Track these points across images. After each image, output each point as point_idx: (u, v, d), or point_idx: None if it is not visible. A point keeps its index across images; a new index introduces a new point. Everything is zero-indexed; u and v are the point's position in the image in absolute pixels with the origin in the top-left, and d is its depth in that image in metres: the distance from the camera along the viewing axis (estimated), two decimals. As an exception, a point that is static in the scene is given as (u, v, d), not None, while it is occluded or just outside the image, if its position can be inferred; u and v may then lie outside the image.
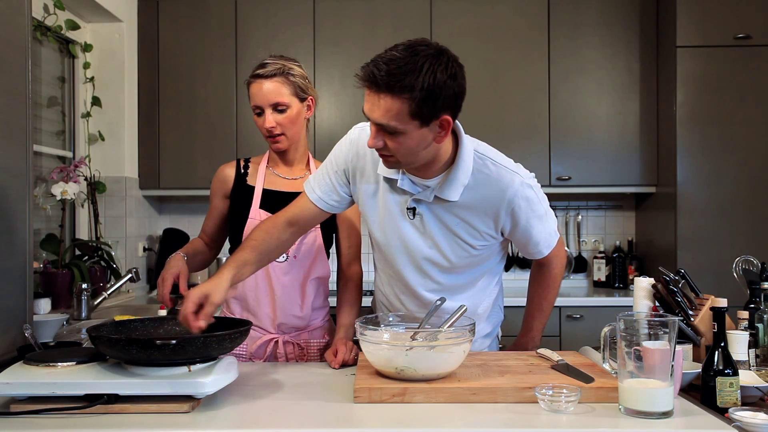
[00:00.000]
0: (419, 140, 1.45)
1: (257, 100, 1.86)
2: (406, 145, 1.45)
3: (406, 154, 1.48)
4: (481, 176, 1.59)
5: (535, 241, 1.70)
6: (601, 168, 3.65)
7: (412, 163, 1.52)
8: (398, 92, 1.37)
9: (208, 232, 2.06)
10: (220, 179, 2.01)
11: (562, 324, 3.36)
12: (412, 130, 1.42)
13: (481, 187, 1.59)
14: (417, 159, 1.50)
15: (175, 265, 1.75)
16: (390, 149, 1.47)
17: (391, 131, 1.43)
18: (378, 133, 1.46)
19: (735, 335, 1.58)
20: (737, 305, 1.83)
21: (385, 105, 1.39)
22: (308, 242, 1.92)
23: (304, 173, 1.99)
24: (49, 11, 3.06)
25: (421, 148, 1.47)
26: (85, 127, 3.53)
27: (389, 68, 1.37)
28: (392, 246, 1.71)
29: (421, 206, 1.63)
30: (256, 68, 1.88)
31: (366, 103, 1.44)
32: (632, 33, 3.66)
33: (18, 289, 1.69)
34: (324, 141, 3.66)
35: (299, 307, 1.92)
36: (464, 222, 1.63)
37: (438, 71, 1.37)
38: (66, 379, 1.30)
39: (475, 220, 1.62)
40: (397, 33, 3.66)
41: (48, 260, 2.99)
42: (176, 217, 4.06)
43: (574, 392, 1.31)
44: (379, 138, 1.46)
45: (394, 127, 1.42)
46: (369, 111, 1.44)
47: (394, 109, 1.39)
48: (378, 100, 1.40)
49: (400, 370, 1.42)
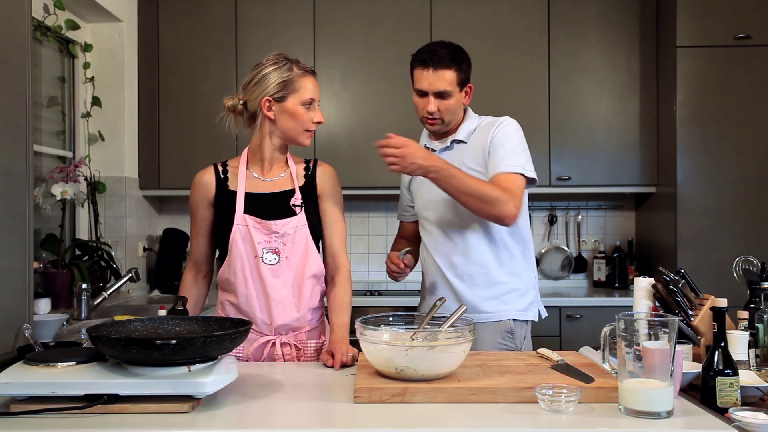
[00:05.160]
0: (458, 101, 2.04)
1: (313, 93, 1.90)
2: (451, 107, 2.02)
3: (451, 113, 2.04)
4: (484, 122, 2.11)
5: (502, 155, 1.97)
6: (601, 168, 3.64)
7: (450, 122, 2.07)
8: (455, 65, 1.99)
9: (200, 254, 1.99)
10: (202, 187, 1.94)
11: (562, 324, 3.36)
12: (456, 94, 2.02)
13: (482, 128, 2.08)
14: (453, 117, 2.06)
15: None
16: (441, 110, 2.02)
17: (445, 97, 2.00)
18: (435, 100, 2.00)
19: (735, 335, 1.58)
20: (737, 305, 1.83)
21: (446, 76, 1.98)
22: (298, 241, 1.88)
23: (285, 170, 1.95)
24: (49, 11, 3.07)
25: (458, 107, 2.06)
26: (85, 127, 3.53)
27: (448, 51, 1.99)
28: (435, 201, 2.08)
29: (444, 155, 2.07)
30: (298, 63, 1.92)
31: (422, 81, 1.99)
32: (632, 33, 3.66)
33: (18, 289, 1.69)
34: (324, 141, 3.66)
35: (295, 307, 1.88)
36: (472, 154, 2.06)
37: (464, 55, 2.04)
38: (66, 379, 1.30)
39: (479, 149, 2.05)
40: (397, 33, 3.67)
41: (48, 260, 2.99)
42: (176, 217, 4.06)
43: (574, 392, 1.31)
44: (434, 104, 2.01)
45: (450, 92, 1.99)
46: (430, 84, 1.98)
47: (452, 79, 1.99)
48: (439, 73, 1.97)
49: (400, 370, 1.42)
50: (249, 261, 1.86)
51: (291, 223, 1.88)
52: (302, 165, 1.99)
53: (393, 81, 3.62)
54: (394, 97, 3.63)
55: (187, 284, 2.00)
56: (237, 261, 1.87)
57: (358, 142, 3.66)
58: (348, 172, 2.12)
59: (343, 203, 2.02)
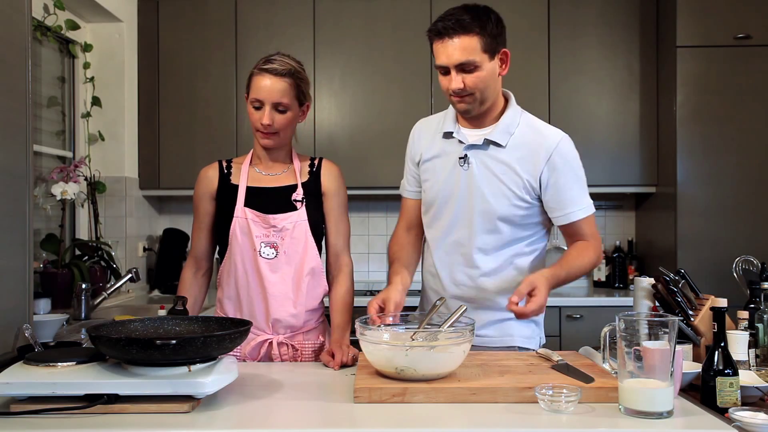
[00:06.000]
0: (491, 72, 1.71)
1: (261, 94, 1.83)
2: (482, 79, 1.70)
3: (483, 88, 1.72)
4: (527, 128, 1.81)
5: (569, 198, 1.77)
6: (600, 168, 3.64)
7: (485, 99, 1.75)
8: (470, 31, 1.66)
9: (200, 249, 1.99)
10: (206, 181, 1.96)
11: (562, 324, 3.36)
12: (485, 63, 1.69)
13: (526, 136, 1.79)
14: (488, 94, 1.74)
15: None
16: (469, 87, 1.70)
17: (469, 69, 1.68)
18: (458, 75, 1.69)
19: (735, 335, 1.58)
20: (737, 305, 1.83)
21: (462, 44, 1.66)
22: (297, 236, 1.88)
23: (288, 167, 1.96)
24: (49, 11, 3.06)
25: (492, 80, 1.73)
26: (85, 127, 3.53)
27: (456, 18, 1.67)
28: (446, 201, 1.85)
29: (472, 153, 1.80)
30: (266, 61, 1.85)
31: (441, 55, 1.69)
32: (632, 33, 3.66)
33: (18, 289, 1.69)
34: (324, 141, 3.66)
35: (292, 303, 1.88)
36: (508, 168, 1.78)
37: (490, 15, 1.71)
38: (66, 379, 1.30)
39: (518, 166, 1.77)
40: (397, 33, 3.67)
41: (48, 260, 2.99)
42: (176, 217, 4.06)
43: (574, 392, 1.31)
44: (459, 79, 1.69)
45: (473, 62, 1.67)
46: (448, 57, 1.68)
47: (471, 46, 1.66)
48: (454, 43, 1.66)
49: (400, 370, 1.42)
50: (248, 255, 1.87)
51: (290, 218, 1.87)
52: (307, 162, 1.99)
53: (393, 81, 3.62)
54: (394, 97, 3.63)
55: (187, 281, 1.99)
56: (237, 255, 1.87)
57: (358, 142, 3.66)
58: (348, 172, 2.11)
59: (348, 203, 2.02)
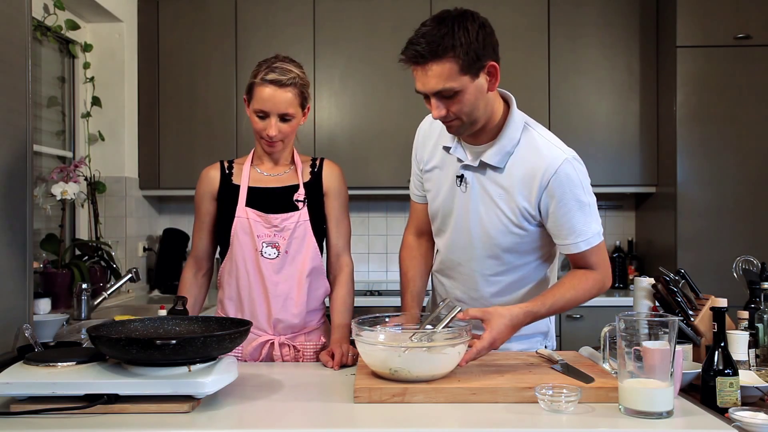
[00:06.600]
0: (476, 92, 1.53)
1: (266, 106, 1.80)
2: (466, 102, 1.53)
3: (469, 112, 1.55)
4: (527, 148, 1.64)
5: (570, 229, 1.61)
6: (600, 168, 3.64)
7: (475, 120, 1.58)
8: (442, 55, 1.48)
9: (201, 250, 1.99)
10: (207, 181, 1.96)
11: (562, 324, 3.36)
12: (467, 85, 1.51)
13: (525, 158, 1.63)
14: (478, 114, 1.57)
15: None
16: (453, 113, 1.55)
17: (448, 95, 1.51)
18: (439, 103, 1.54)
19: (735, 335, 1.58)
20: (737, 305, 1.83)
21: (436, 72, 1.49)
22: (299, 236, 1.88)
23: (290, 167, 1.96)
24: (49, 11, 3.06)
25: (479, 100, 1.55)
26: (85, 127, 3.53)
27: (427, 40, 1.49)
28: (445, 219, 1.76)
29: (469, 174, 1.69)
30: (267, 70, 1.81)
31: (417, 81, 1.53)
32: (632, 33, 3.66)
33: (18, 289, 1.69)
34: (324, 141, 3.66)
35: (294, 303, 1.88)
36: (506, 193, 1.65)
37: (468, 25, 1.50)
38: (66, 379, 1.30)
39: (515, 191, 1.64)
40: (397, 33, 3.64)
41: (48, 260, 2.99)
42: (176, 217, 4.06)
43: (574, 392, 1.31)
44: (441, 107, 1.54)
45: (450, 89, 1.50)
46: (423, 85, 1.52)
47: (445, 72, 1.49)
48: (427, 71, 1.50)
49: (394, 371, 1.42)
50: (250, 255, 1.87)
51: (292, 218, 1.88)
52: (308, 162, 1.99)
53: (393, 81, 3.62)
54: (394, 97, 3.63)
55: (187, 281, 1.99)
56: (238, 255, 1.87)
57: (358, 142, 3.66)
58: (348, 172, 2.11)
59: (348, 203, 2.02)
